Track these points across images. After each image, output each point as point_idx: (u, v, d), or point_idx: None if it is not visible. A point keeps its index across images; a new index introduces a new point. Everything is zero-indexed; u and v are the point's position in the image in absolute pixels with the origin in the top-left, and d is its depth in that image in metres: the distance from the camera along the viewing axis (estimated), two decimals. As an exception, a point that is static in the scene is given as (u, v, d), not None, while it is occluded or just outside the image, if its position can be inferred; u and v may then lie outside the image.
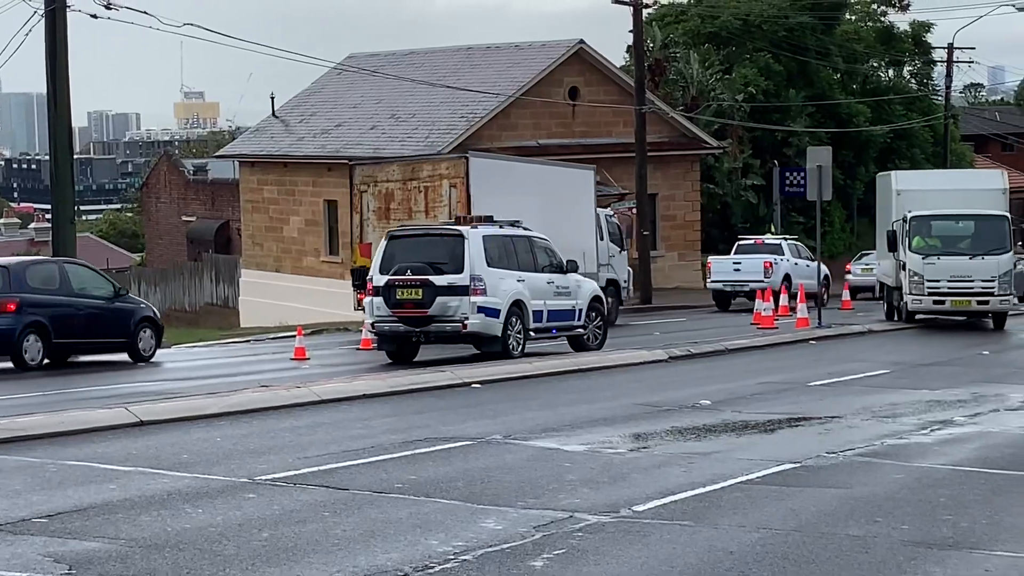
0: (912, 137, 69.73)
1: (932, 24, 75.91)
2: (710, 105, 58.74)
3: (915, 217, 35.73)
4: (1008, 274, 35.27)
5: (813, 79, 66.06)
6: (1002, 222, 35.58)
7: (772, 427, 17.95)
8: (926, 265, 35.14)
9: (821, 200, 35.87)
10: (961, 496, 13.19)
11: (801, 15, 64.87)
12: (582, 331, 28.61)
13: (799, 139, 60.80)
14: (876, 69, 74.85)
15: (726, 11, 65.30)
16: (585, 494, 12.94)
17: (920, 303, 35.49)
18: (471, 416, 18.66)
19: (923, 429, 17.76)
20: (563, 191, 36.22)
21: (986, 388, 22.75)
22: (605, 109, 51.43)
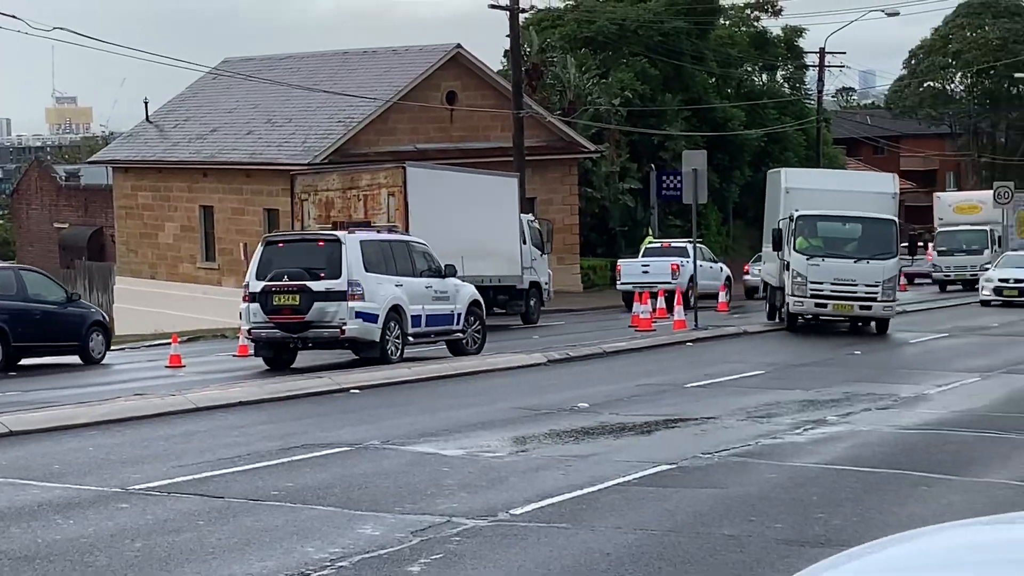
0: (786, 140, 70.66)
1: (804, 29, 77.12)
2: (587, 109, 59.06)
3: (801, 216, 34.67)
4: (893, 280, 34.55)
5: (689, 83, 66.68)
6: (889, 226, 34.62)
7: (649, 429, 18.09)
8: (810, 266, 34.06)
9: (697, 203, 36.18)
10: (833, 494, 13.38)
11: (676, 20, 65.46)
12: (461, 335, 28.64)
13: (675, 143, 61.32)
14: (750, 73, 75.75)
15: (602, 16, 65.69)
16: (463, 498, 12.95)
17: (802, 305, 34.52)
18: (349, 422, 18.59)
19: (797, 429, 17.99)
20: (490, 197, 38.52)
21: (858, 387, 23.10)
22: (483, 113, 51.53)
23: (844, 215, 34.89)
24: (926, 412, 20.15)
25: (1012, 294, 47.11)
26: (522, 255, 39.77)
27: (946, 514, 12.58)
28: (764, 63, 75.95)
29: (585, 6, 68.93)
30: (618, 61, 64.65)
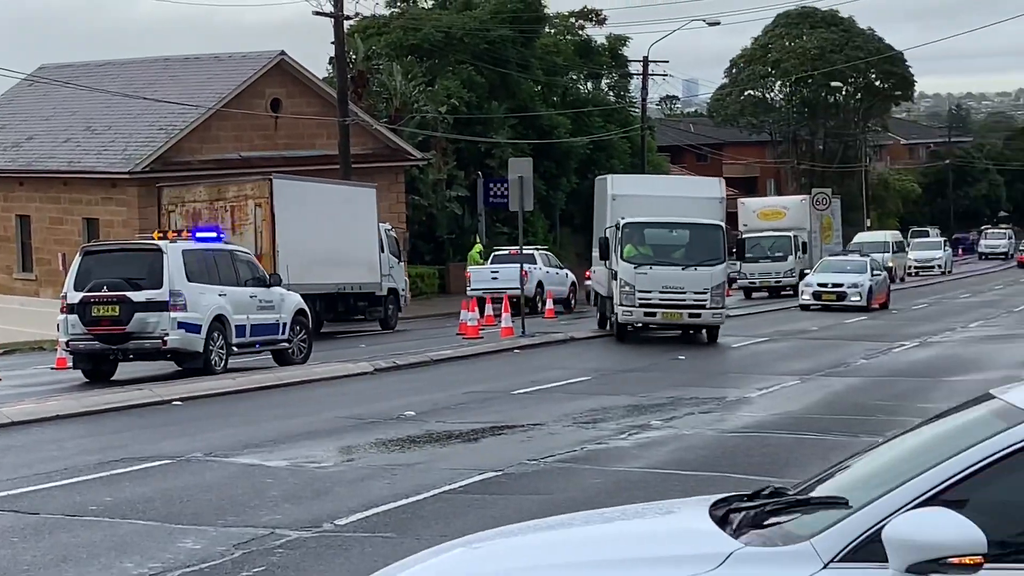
0: (611, 148, 71.42)
1: (628, 38, 78.10)
2: (414, 117, 59.00)
3: (628, 224, 33.94)
4: (721, 286, 34.09)
5: (515, 91, 67.02)
6: (716, 232, 34.10)
7: (476, 436, 18.11)
8: (638, 275, 33.41)
9: (523, 210, 36.36)
10: (656, 498, 13.50)
11: (502, 28, 65.74)
12: (287, 345, 28.40)
13: (502, 150, 61.57)
14: (576, 82, 76.43)
15: (428, 24, 65.71)
16: (287, 510, 12.83)
17: (631, 314, 33.89)
18: (171, 434, 18.30)
19: (622, 434, 18.16)
20: (350, 207, 39.79)
21: (682, 392, 23.40)
22: (308, 121, 51.19)
23: (671, 222, 34.49)
24: (747, 415, 20.48)
25: (831, 298, 48.20)
26: (381, 263, 41.05)
27: (766, 515, 12.78)
28: (589, 71, 76.70)
29: (411, 14, 68.89)
30: (444, 69, 64.72)
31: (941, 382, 25.38)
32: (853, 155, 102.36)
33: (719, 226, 34.41)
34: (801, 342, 35.37)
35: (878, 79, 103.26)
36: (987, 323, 42.47)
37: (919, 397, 22.81)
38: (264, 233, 35.42)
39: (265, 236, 35.50)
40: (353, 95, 52.80)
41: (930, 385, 24.81)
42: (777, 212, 64.11)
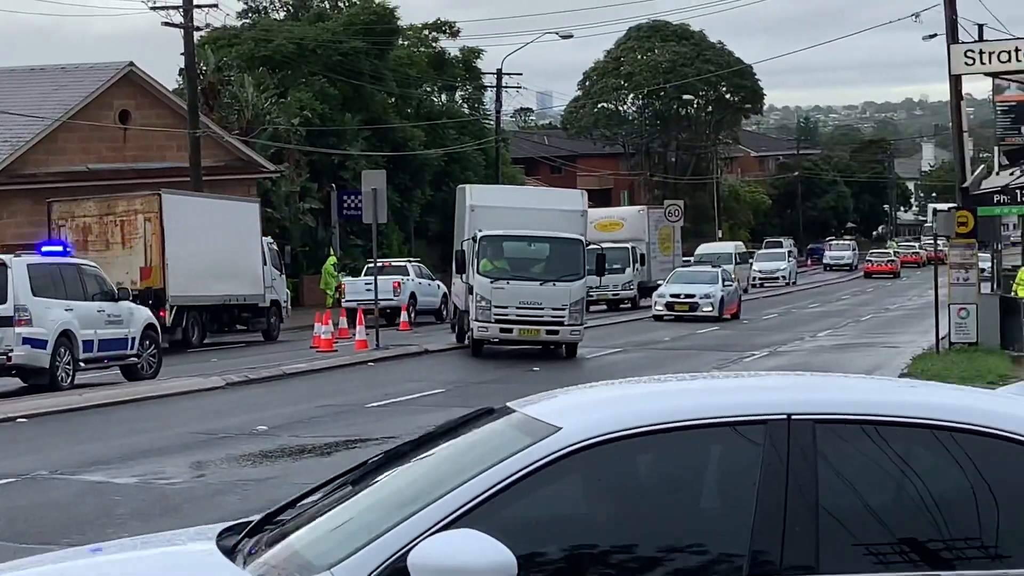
0: (466, 160, 71.58)
1: (482, 50, 78.27)
2: (266, 129, 58.56)
3: (485, 237, 32.96)
4: (580, 302, 33.21)
5: (369, 103, 66.87)
6: (576, 246, 33.08)
7: (329, 450, 18.02)
8: (494, 290, 32.45)
9: (377, 223, 36.28)
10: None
11: (355, 40, 65.52)
12: (136, 360, 28.02)
13: (356, 162, 61.37)
14: (430, 94, 76.48)
15: (280, 35, 65.29)
16: (135, 527, 12.64)
17: (486, 330, 32.81)
18: (15, 452, 17.94)
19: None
20: (235, 221, 41.10)
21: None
22: (158, 133, 50.51)
23: (530, 235, 33.59)
24: (601, 425, 20.60)
25: (683, 309, 48.79)
26: (264, 275, 42.09)
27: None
28: (443, 84, 76.79)
29: (262, 25, 68.44)
30: (297, 80, 64.35)
31: (790, 390, 25.78)
32: (705, 167, 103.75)
33: (579, 240, 33.38)
34: (654, 352, 35.73)
35: (728, 92, 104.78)
36: (835, 332, 43.30)
37: (769, 405, 23.12)
38: (154, 247, 36.54)
39: (155, 250, 36.66)
40: (204, 107, 52.28)
41: (779, 393, 25.17)
42: (615, 223, 61.67)
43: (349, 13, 69.77)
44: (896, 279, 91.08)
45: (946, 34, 34.14)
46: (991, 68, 33.06)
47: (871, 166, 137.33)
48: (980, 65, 32.51)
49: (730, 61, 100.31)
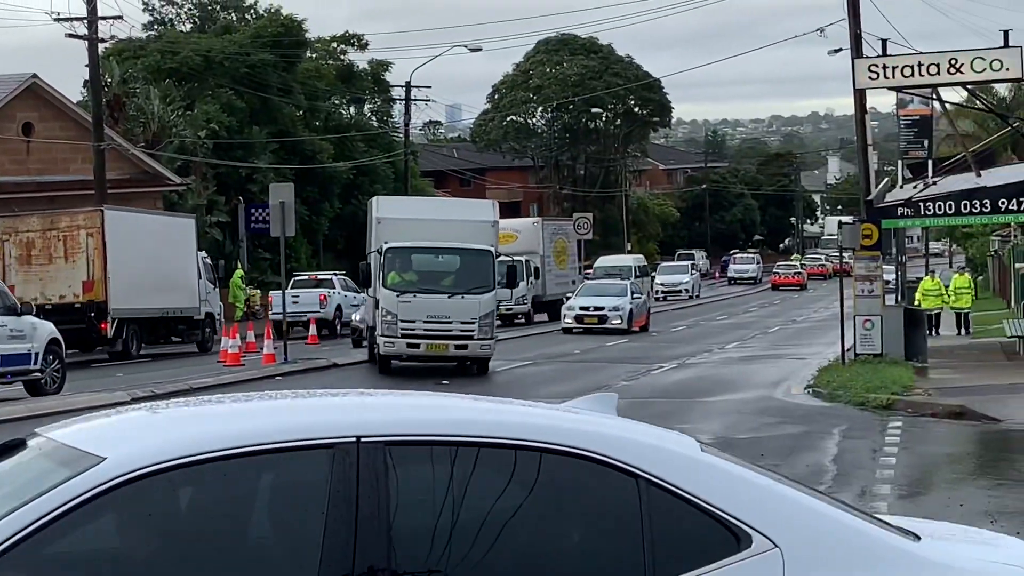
0: (375, 173, 71.40)
1: (391, 63, 78.13)
2: (172, 141, 58.09)
3: (391, 249, 31.99)
4: (490, 315, 32.27)
5: (277, 116, 66.56)
6: (486, 258, 32.08)
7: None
8: (401, 304, 31.42)
9: (285, 236, 36.09)
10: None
11: (262, 52, 65.23)
12: (39, 375, 27.66)
13: (264, 175, 61.05)
14: (338, 106, 76.27)
15: (187, 47, 64.84)
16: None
17: (393, 346, 31.85)
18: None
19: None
20: (173, 237, 42.49)
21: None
22: (63, 145, 49.96)
23: (437, 247, 32.65)
24: (510, 438, 20.63)
25: (592, 321, 48.97)
26: (199, 289, 43.36)
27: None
28: (352, 96, 76.62)
29: (168, 37, 67.93)
30: (204, 93, 63.92)
31: (698, 403, 25.99)
32: (614, 180, 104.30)
33: (488, 251, 32.30)
34: (564, 365, 35.80)
35: (637, 105, 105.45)
36: (743, 344, 43.66)
37: (677, 418, 23.28)
38: (96, 261, 37.76)
39: (97, 264, 37.89)
40: (109, 119, 51.77)
41: (688, 406, 25.37)
42: (508, 235, 58.22)
43: (256, 25, 69.48)
44: (803, 291, 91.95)
45: (851, 48, 34.56)
46: (894, 82, 33.47)
47: (778, 179, 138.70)
48: (884, 79, 32.90)
49: (638, 75, 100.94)
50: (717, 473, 4.80)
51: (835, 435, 20.85)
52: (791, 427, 21.92)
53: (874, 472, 16.92)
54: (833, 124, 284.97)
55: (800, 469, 17.26)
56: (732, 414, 23.84)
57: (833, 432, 21.17)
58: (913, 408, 24.12)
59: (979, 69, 31.61)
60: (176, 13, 74.82)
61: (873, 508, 14.28)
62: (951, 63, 31.80)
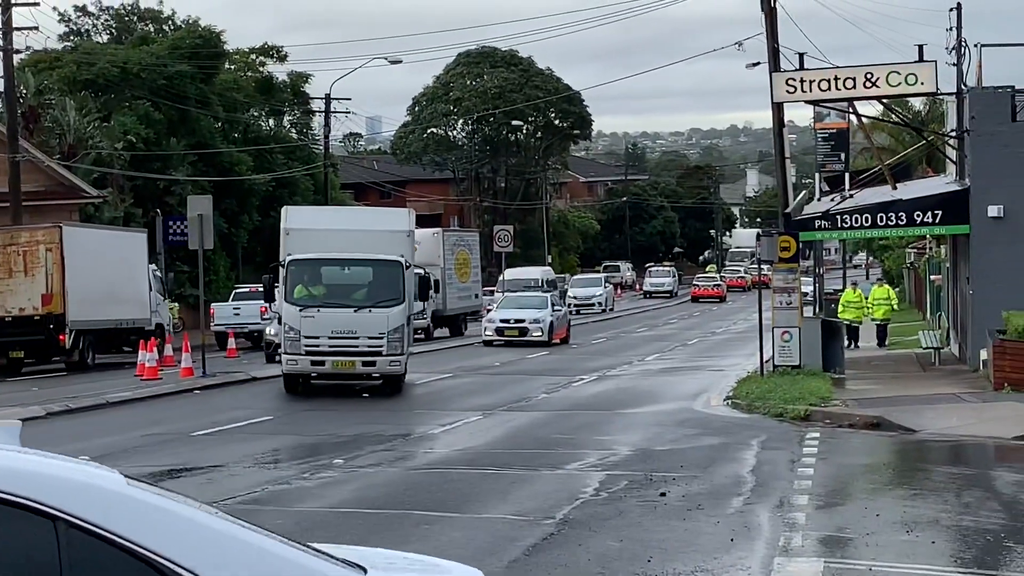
0: (294, 185, 71.09)
1: (310, 75, 77.80)
2: (89, 153, 57.55)
3: (294, 261, 30.28)
4: (401, 330, 29.98)
5: (195, 128, 66.12)
6: (396, 269, 30.09)
7: (153, 480, 17.73)
8: (304, 319, 29.62)
9: (203, 248, 35.92)
10: (338, 538, 13.46)
11: (180, 64, 64.81)
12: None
13: (182, 188, 60.65)
14: (257, 118, 75.85)
15: (103, 58, 64.28)
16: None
17: (296, 364, 29.83)
18: None
19: (305, 473, 18.09)
20: (127, 251, 43.80)
21: (366, 429, 23.45)
22: (-24, 157, 49.35)
23: (343, 258, 30.88)
24: (430, 451, 20.67)
25: (513, 334, 49.05)
26: (150, 300, 44.59)
27: (447, 550, 12.93)
28: (271, 108, 76.23)
29: (84, 48, 67.36)
30: (121, 105, 63.41)
31: (618, 414, 26.12)
32: (534, 192, 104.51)
33: (398, 262, 30.25)
34: (485, 377, 35.84)
35: (557, 118, 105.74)
36: (663, 356, 43.89)
37: (597, 429, 23.42)
38: (55, 275, 38.84)
39: (55, 278, 39.00)
40: (24, 131, 51.21)
41: (608, 418, 25.49)
42: None
43: (174, 37, 69.01)
44: (722, 303, 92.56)
45: (768, 62, 34.89)
46: (812, 96, 33.82)
47: (697, 191, 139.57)
48: (801, 93, 33.23)
49: (558, 87, 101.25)
50: (143, 509, 4.52)
51: (754, 446, 21.03)
52: (710, 439, 22.09)
53: (792, 483, 17.08)
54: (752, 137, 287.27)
55: (719, 480, 17.42)
56: (652, 426, 23.97)
57: (752, 443, 21.35)
58: (831, 419, 24.37)
59: (894, 83, 32.02)
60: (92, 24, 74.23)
61: (791, 519, 14.46)
62: (867, 77, 32.19)
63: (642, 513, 14.92)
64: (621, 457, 19.74)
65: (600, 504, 15.53)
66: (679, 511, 15.01)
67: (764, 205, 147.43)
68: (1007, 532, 13.95)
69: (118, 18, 74.13)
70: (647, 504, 15.48)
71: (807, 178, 65.28)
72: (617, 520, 14.49)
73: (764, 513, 14.96)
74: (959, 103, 35.29)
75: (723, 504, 15.52)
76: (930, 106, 58.17)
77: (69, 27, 72.84)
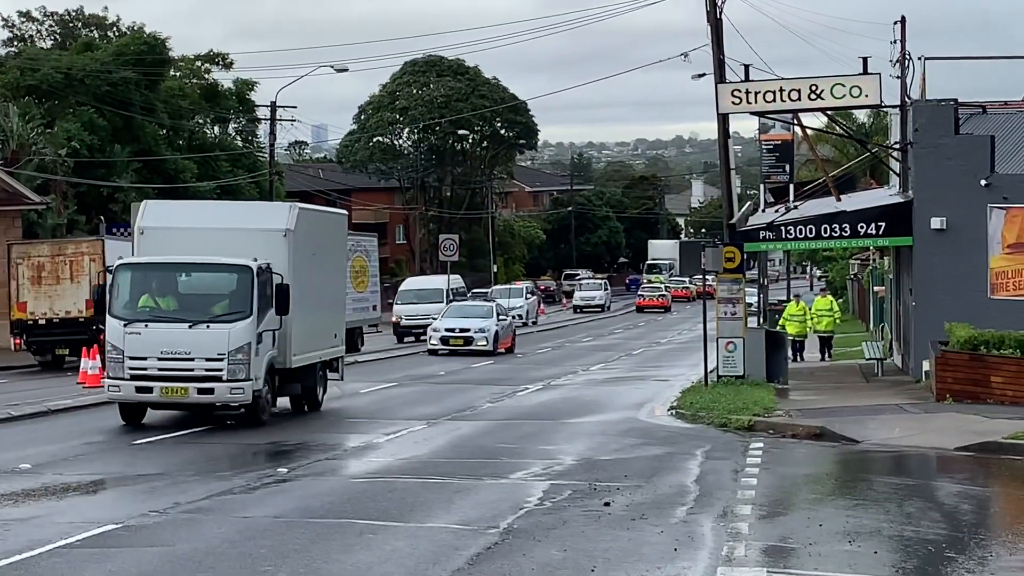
0: (239, 193, 70.73)
1: (256, 83, 77.63)
2: (32, 160, 57.17)
3: (121, 266, 25.55)
4: (246, 348, 24.73)
5: (139, 134, 65.80)
6: (245, 275, 24.97)
7: (95, 488, 17.64)
8: (128, 336, 24.63)
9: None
10: (281, 547, 13.45)
11: (125, 71, 64.50)
12: None
13: (126, 195, 60.28)
14: (202, 125, 75.56)
15: (47, 64, 63.89)
16: None
17: (120, 390, 24.81)
18: None
19: (248, 482, 17.99)
20: None
21: (310, 438, 23.34)
22: (-83, 162, 48.94)
23: (180, 262, 25.78)
24: (374, 460, 20.61)
25: (458, 343, 48.98)
26: None
27: (390, 559, 12.91)
28: (216, 115, 75.96)
29: (28, 54, 66.91)
30: (65, 111, 63.05)
31: (563, 424, 26.12)
32: (480, 201, 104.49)
33: (248, 267, 25.02)
34: (429, 386, 35.76)
35: (503, 127, 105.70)
36: (608, 366, 43.95)
37: (542, 439, 23.41)
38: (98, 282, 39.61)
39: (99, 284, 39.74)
40: (-34, 136, 50.78)
41: (552, 427, 25.48)
42: None
43: (119, 43, 68.67)
44: (667, 313, 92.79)
45: (714, 74, 35.02)
46: (757, 107, 33.99)
47: (643, 202, 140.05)
48: (746, 104, 33.39)
49: (504, 97, 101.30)
50: None
51: (698, 456, 21.08)
52: (655, 448, 22.12)
53: (736, 493, 17.13)
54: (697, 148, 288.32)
55: (663, 490, 17.45)
56: (597, 435, 23.98)
57: (696, 453, 21.40)
58: (774, 429, 24.46)
59: (839, 95, 32.23)
60: (36, 30, 73.80)
61: (734, 529, 14.51)
62: (812, 89, 32.38)
63: (586, 523, 14.92)
64: (565, 467, 19.75)
65: (544, 514, 15.52)
66: (623, 521, 15.03)
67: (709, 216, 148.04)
68: (948, 542, 14.05)
69: (62, 24, 73.72)
70: (591, 514, 15.48)
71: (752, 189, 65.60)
72: (561, 530, 14.48)
73: (707, 523, 15.00)
74: (903, 116, 35.59)
75: (667, 514, 15.55)
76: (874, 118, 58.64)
77: (13, 32, 72.42)
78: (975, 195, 32.01)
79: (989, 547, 13.99)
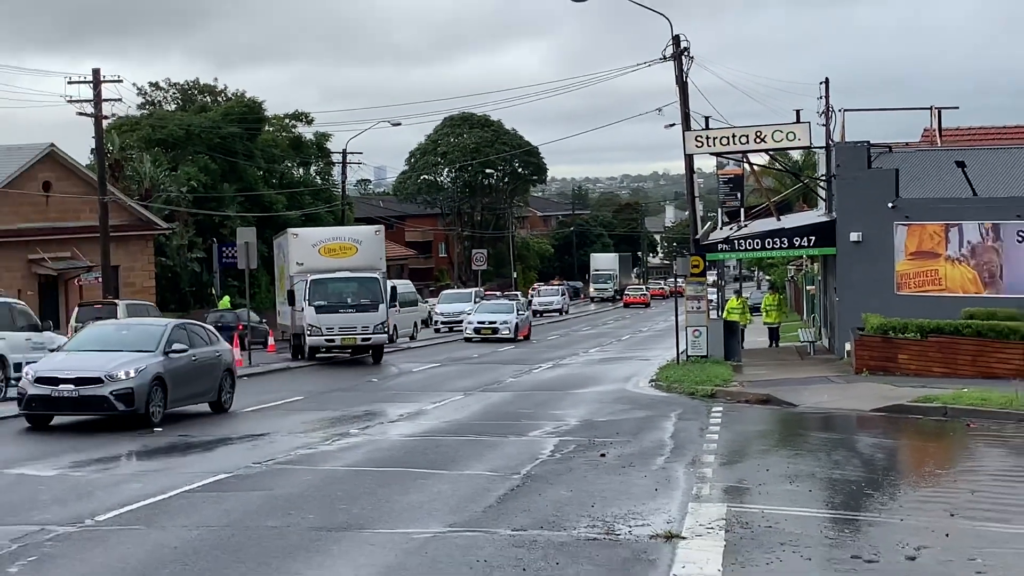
0: (319, 220, 70.77)
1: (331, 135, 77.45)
2: (160, 195, 57.27)
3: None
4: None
5: (242, 176, 65.84)
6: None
7: (212, 446, 17.65)
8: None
9: (249, 268, 35.82)
10: (355, 490, 13.45)
11: (231, 126, 64.63)
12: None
13: (232, 222, 60.34)
14: (290, 168, 75.49)
15: (172, 123, 64.02)
16: (55, 510, 12.23)
17: None
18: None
19: (327, 440, 17.99)
20: None
21: (375, 407, 23.35)
22: (74, 199, 49.07)
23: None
24: (424, 423, 20.59)
25: (487, 332, 48.98)
26: None
27: (438, 498, 12.89)
28: (300, 160, 75.94)
29: (157, 115, 67.03)
30: (185, 158, 63.13)
31: (568, 394, 26.06)
32: (503, 224, 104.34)
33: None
34: (466, 366, 35.72)
35: (520, 167, 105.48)
36: (602, 349, 43.84)
37: (552, 405, 23.37)
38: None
39: None
40: (111, 178, 50.87)
41: (560, 396, 25.43)
42: (345, 247, 38.54)
43: (226, 106, 68.88)
44: (648, 308, 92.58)
45: (682, 124, 34.93)
46: (715, 149, 33.92)
47: (628, 223, 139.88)
48: (707, 147, 33.32)
49: (521, 143, 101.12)
50: None
51: (672, 418, 21.02)
52: (639, 412, 22.07)
53: (702, 446, 17.08)
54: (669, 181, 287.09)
55: (646, 444, 17.40)
56: (595, 402, 23.94)
57: (671, 415, 21.35)
58: (731, 397, 24.40)
59: (778, 139, 32.13)
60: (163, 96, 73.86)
61: (701, 473, 14.46)
62: (757, 134, 32.29)
63: (587, 469, 14.89)
64: (571, 427, 19.71)
65: (555, 463, 15.50)
66: (615, 468, 14.99)
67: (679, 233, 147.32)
68: (866, 482, 13.99)
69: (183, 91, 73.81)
70: (591, 463, 15.45)
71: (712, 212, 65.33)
72: (568, 475, 14.46)
73: (680, 469, 14.96)
74: (827, 154, 35.46)
75: (649, 462, 15.51)
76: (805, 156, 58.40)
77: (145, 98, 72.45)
78: (884, 215, 31.89)
79: (898, 486, 13.93)
